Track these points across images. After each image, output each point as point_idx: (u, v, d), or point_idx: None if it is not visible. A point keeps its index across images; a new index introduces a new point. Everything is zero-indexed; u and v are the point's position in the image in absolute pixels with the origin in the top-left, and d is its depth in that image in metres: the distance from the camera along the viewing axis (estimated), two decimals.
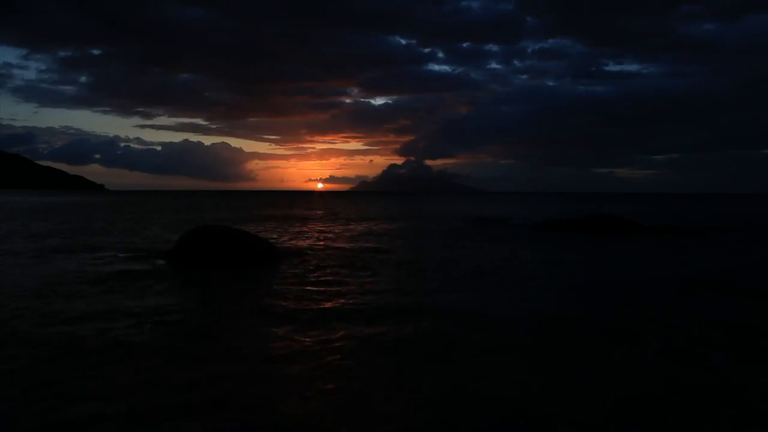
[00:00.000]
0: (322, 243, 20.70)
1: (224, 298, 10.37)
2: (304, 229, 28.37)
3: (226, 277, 12.51)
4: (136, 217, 38.35)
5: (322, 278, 12.28)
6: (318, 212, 48.40)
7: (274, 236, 22.82)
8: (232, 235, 15.79)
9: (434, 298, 10.17)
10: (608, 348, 7.05)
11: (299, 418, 4.85)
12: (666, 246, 20.48)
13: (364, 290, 10.86)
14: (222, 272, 13.14)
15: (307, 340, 7.25)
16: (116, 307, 9.13)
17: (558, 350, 6.92)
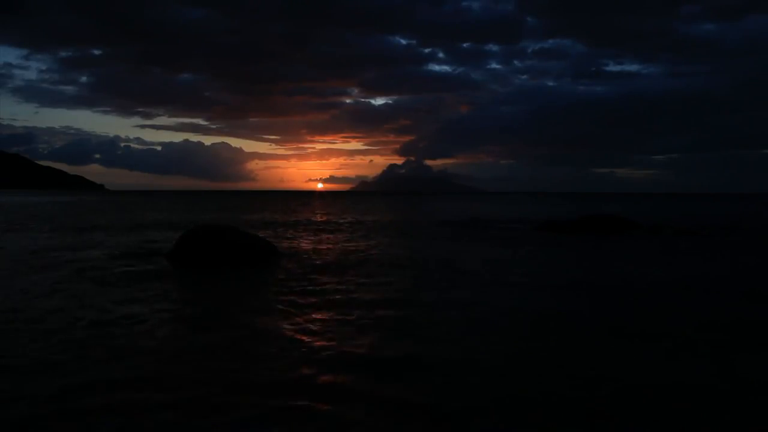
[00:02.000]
0: (320, 244, 20.70)
1: (223, 298, 10.38)
2: (303, 229, 28.36)
3: (225, 277, 12.51)
4: (136, 217, 38.35)
5: (321, 282, 12.26)
6: (317, 212, 48.40)
7: (274, 236, 22.80)
8: (232, 234, 15.81)
9: (437, 306, 10.16)
10: (614, 348, 7.05)
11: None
12: (666, 247, 20.49)
13: (360, 295, 10.86)
14: (222, 271, 13.13)
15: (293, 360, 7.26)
16: (119, 305, 9.15)
17: (565, 352, 6.94)
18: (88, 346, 6.88)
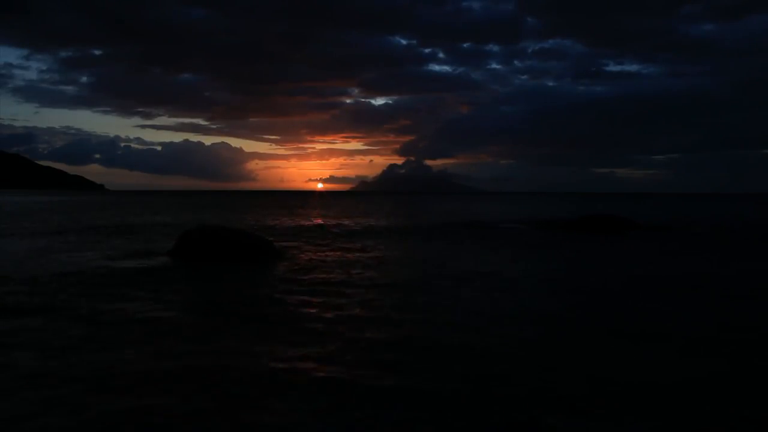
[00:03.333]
0: (318, 244, 20.74)
1: (222, 293, 10.42)
2: (302, 229, 28.39)
3: (225, 273, 12.54)
4: (136, 217, 38.37)
5: (317, 282, 12.30)
6: (316, 212, 48.42)
7: (273, 235, 22.81)
8: (232, 233, 16.03)
9: (436, 308, 10.19)
10: (615, 349, 7.07)
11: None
12: (665, 246, 20.52)
13: (355, 297, 10.86)
14: (221, 268, 13.18)
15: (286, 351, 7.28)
16: (120, 302, 9.19)
17: (567, 353, 6.96)
18: (91, 338, 6.93)
